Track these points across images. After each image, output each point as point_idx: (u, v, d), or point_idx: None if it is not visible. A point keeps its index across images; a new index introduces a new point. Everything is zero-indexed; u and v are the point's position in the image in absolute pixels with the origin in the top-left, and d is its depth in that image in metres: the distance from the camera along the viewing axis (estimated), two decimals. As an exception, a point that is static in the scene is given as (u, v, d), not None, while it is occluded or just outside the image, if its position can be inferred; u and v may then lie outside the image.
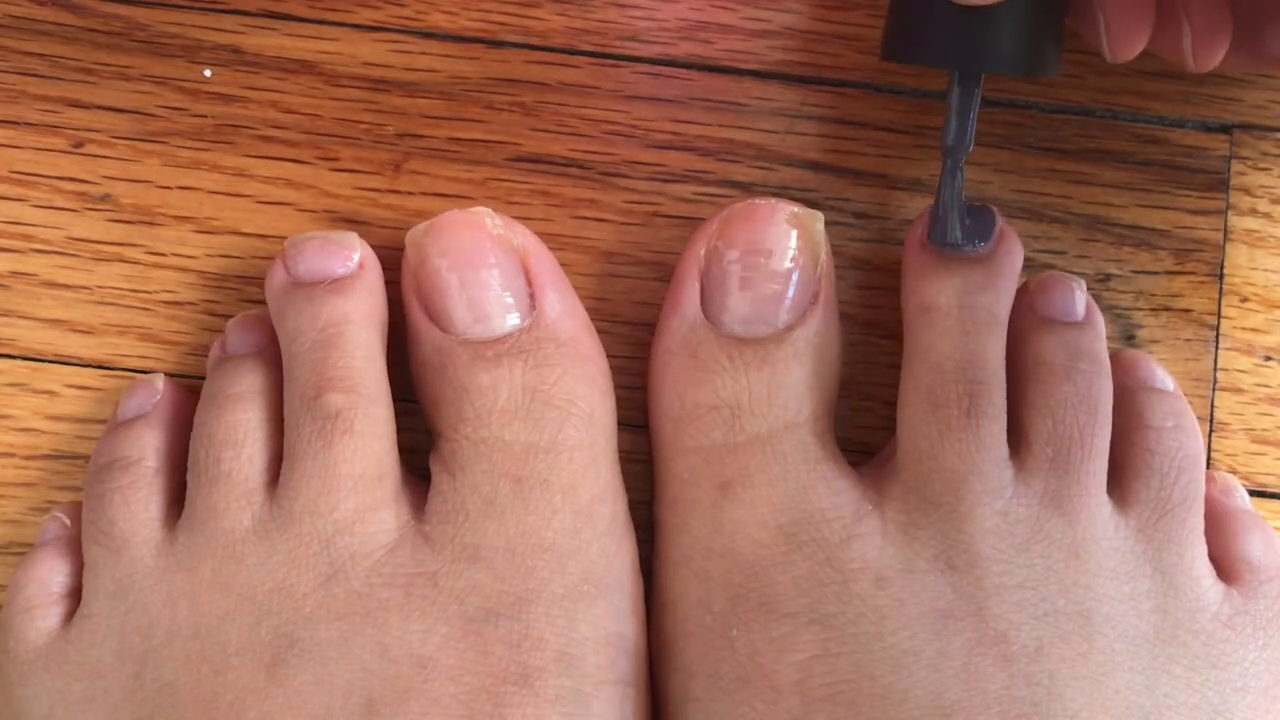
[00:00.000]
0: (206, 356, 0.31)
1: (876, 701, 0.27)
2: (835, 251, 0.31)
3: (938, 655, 0.27)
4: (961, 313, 0.29)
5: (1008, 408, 0.29)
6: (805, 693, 0.27)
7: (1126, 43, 0.28)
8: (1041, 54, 0.28)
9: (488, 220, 0.29)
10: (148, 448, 0.29)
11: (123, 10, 0.32)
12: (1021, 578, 0.27)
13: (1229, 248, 0.32)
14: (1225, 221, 0.32)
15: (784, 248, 0.29)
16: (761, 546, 0.28)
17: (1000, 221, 0.30)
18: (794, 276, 0.29)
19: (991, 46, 0.27)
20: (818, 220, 0.30)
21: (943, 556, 0.28)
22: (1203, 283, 0.32)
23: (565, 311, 0.29)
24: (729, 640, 0.28)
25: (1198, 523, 0.29)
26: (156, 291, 0.32)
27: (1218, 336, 0.32)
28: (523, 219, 0.31)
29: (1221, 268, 0.32)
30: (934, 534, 0.28)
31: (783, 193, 0.32)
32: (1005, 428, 0.28)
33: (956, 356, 0.28)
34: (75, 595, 0.29)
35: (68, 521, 0.30)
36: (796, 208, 0.30)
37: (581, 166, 0.32)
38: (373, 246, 0.30)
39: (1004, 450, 0.28)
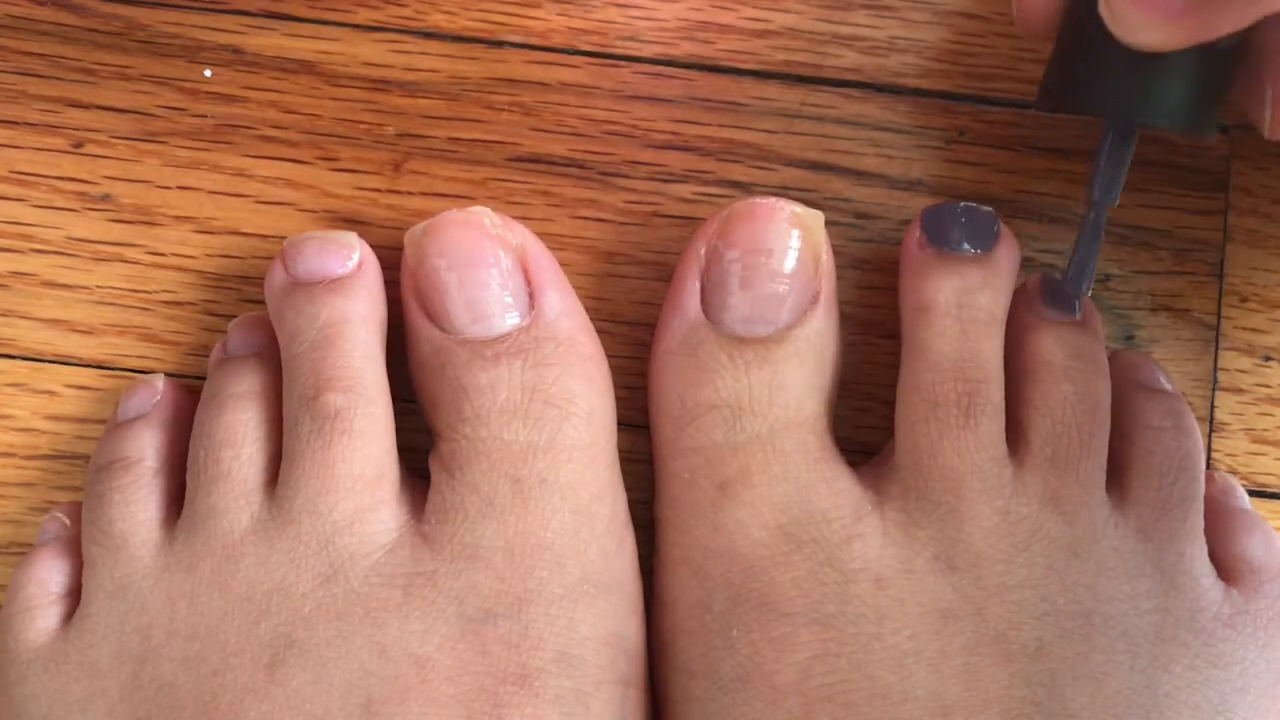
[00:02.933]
0: (206, 356, 0.31)
1: (877, 701, 0.27)
2: (835, 251, 0.31)
3: (938, 655, 0.27)
4: (960, 312, 0.29)
5: (1007, 407, 0.29)
6: (805, 693, 0.27)
7: None
8: (1201, 113, 0.28)
9: (486, 220, 0.29)
10: (147, 448, 0.29)
11: (123, 10, 0.32)
12: (1021, 577, 0.27)
13: (1229, 248, 0.32)
14: (1225, 221, 0.32)
15: (784, 247, 0.29)
16: (762, 546, 0.28)
17: (1000, 222, 0.30)
18: (795, 276, 0.29)
19: (1154, 100, 0.27)
20: (818, 220, 0.30)
21: (943, 556, 0.28)
22: (1203, 283, 0.32)
23: (564, 311, 0.29)
24: (729, 640, 0.28)
25: (1197, 522, 0.29)
26: (156, 291, 0.32)
27: (1218, 336, 0.32)
28: (523, 219, 0.31)
29: (1221, 268, 0.32)
30: (934, 534, 0.28)
31: (783, 193, 0.32)
32: (1004, 427, 0.28)
33: (955, 356, 0.28)
34: (75, 595, 0.29)
35: (67, 521, 0.30)
36: (797, 207, 0.29)
37: (581, 166, 0.32)
38: (372, 246, 0.30)
39: (1003, 449, 0.28)
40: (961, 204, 0.30)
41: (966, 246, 0.29)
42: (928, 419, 0.28)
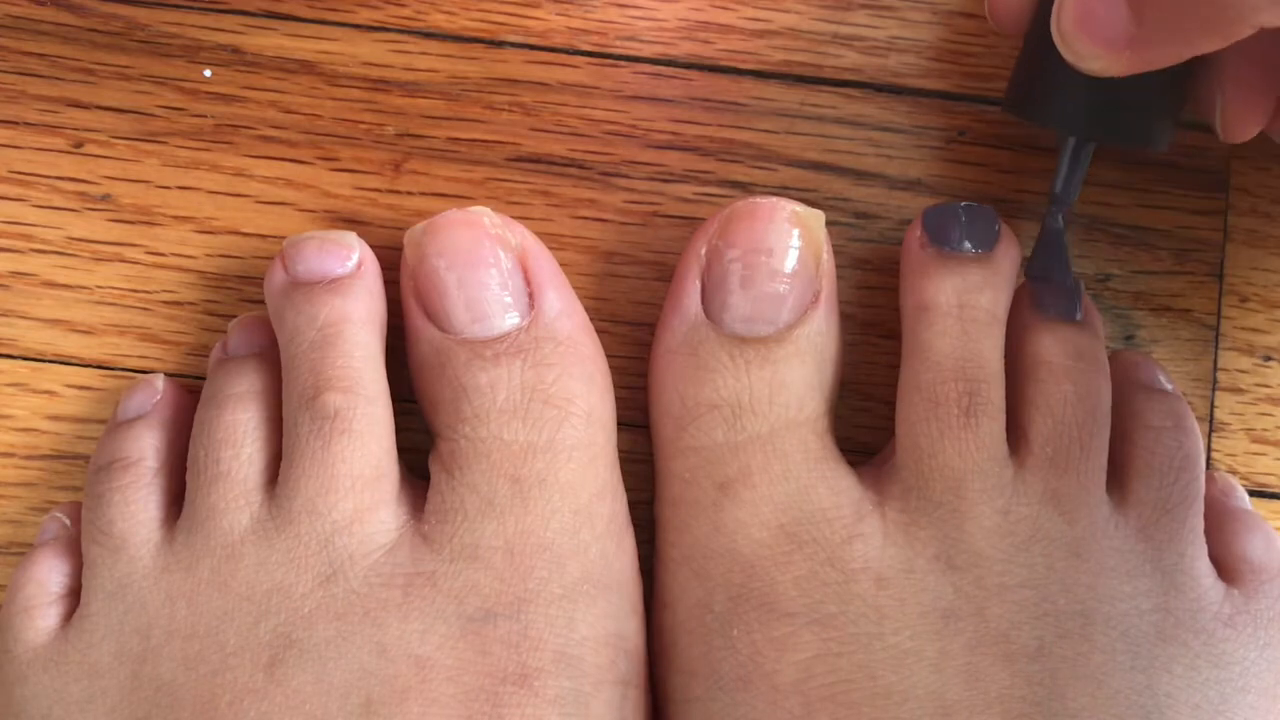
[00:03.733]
0: (206, 356, 0.31)
1: (878, 701, 0.27)
2: (835, 251, 0.31)
3: (939, 655, 0.27)
4: (960, 312, 0.29)
5: (1007, 407, 0.29)
6: (806, 693, 0.27)
7: (1241, 126, 0.29)
8: (1153, 129, 0.29)
9: (486, 219, 0.29)
10: (147, 448, 0.29)
11: (123, 10, 0.32)
12: (1022, 577, 0.27)
13: (1229, 248, 0.32)
14: (1225, 221, 0.32)
15: (785, 247, 0.29)
16: (762, 546, 0.28)
17: (1000, 222, 0.30)
18: (795, 276, 0.29)
19: (1107, 119, 0.28)
20: (819, 219, 0.30)
21: (943, 556, 0.28)
22: (1203, 283, 0.32)
23: (564, 311, 0.29)
24: (730, 640, 0.28)
25: (1198, 522, 0.29)
26: (156, 291, 0.32)
27: (1218, 336, 0.32)
28: (523, 219, 0.31)
29: (1221, 268, 0.32)
30: (934, 533, 0.28)
31: (783, 193, 0.32)
32: (1004, 426, 0.28)
33: (955, 355, 0.28)
34: (74, 595, 0.29)
35: (67, 521, 0.30)
36: (798, 206, 0.29)
37: (581, 166, 0.32)
38: (372, 246, 0.30)
39: (1004, 449, 0.28)
40: (962, 204, 0.30)
41: (967, 246, 0.29)
42: (928, 418, 0.28)
